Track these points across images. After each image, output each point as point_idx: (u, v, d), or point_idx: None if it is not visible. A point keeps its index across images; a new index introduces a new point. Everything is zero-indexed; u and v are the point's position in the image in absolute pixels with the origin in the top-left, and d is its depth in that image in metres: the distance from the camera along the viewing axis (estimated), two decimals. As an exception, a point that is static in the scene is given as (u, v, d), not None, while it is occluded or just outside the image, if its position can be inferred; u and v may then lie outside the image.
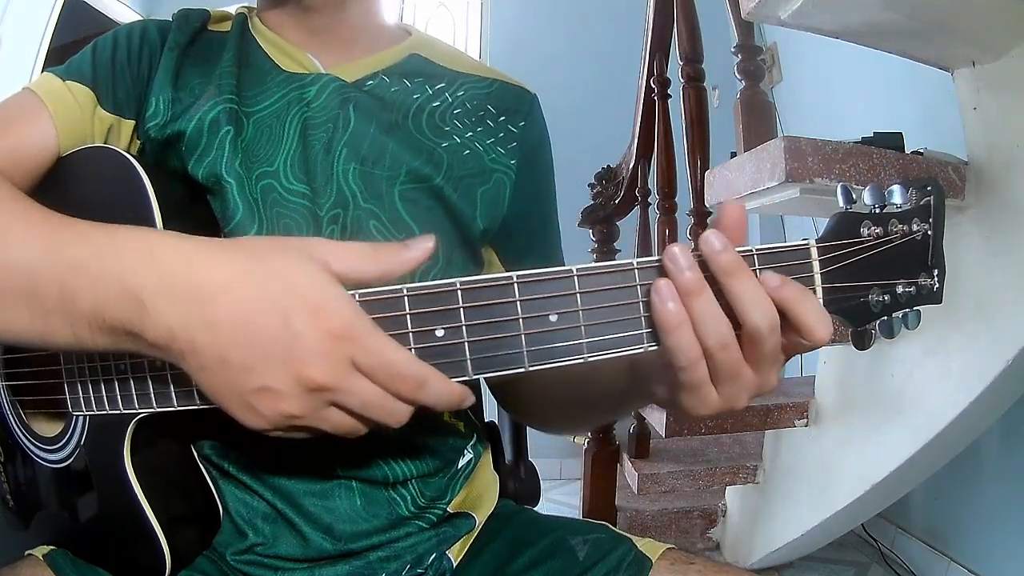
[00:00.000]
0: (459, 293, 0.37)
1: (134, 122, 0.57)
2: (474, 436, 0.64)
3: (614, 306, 0.38)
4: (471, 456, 0.62)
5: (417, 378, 0.36)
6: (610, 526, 0.60)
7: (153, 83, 0.56)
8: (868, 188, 0.40)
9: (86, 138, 0.55)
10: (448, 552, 0.59)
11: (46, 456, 0.53)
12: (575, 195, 1.74)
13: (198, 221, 0.53)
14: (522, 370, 0.38)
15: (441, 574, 0.58)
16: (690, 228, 1.51)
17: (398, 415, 0.38)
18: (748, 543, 1.69)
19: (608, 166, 1.89)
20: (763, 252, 0.39)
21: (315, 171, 0.55)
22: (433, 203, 0.57)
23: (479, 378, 0.39)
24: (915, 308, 0.41)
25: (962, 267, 1.08)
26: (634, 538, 0.57)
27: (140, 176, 0.47)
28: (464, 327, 0.37)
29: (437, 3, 3.08)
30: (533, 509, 0.69)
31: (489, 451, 0.68)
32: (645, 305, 0.38)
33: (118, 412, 0.46)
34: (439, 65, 0.64)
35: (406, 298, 0.38)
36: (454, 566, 0.59)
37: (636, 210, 1.80)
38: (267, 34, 0.61)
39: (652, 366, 0.43)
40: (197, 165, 0.54)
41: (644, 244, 1.76)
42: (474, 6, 3.05)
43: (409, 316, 0.38)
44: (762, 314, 0.37)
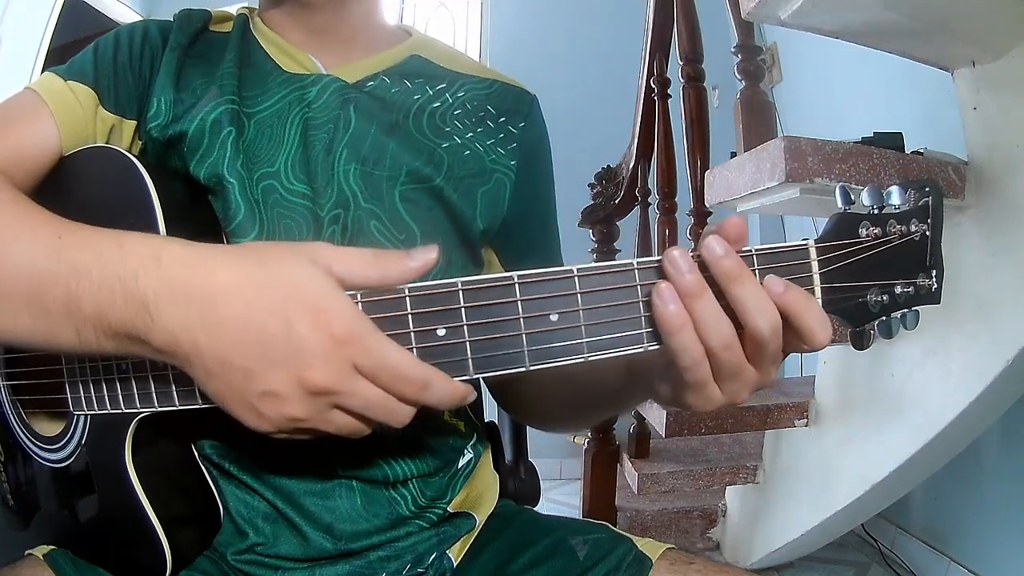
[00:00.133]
0: (460, 293, 0.38)
1: (135, 122, 0.57)
2: (474, 436, 0.64)
3: (614, 306, 0.38)
4: (471, 456, 0.63)
5: (420, 380, 0.37)
6: (610, 526, 0.60)
7: (155, 84, 0.56)
8: (867, 189, 0.40)
9: (88, 138, 0.55)
10: (448, 552, 0.59)
11: (47, 456, 0.53)
12: (575, 195, 1.74)
13: (200, 221, 0.54)
14: (523, 369, 0.38)
15: (441, 574, 0.58)
16: (690, 228, 1.51)
17: (401, 416, 0.38)
18: (748, 543, 1.69)
19: (608, 166, 1.89)
20: (762, 252, 0.39)
21: (316, 171, 0.55)
22: (433, 203, 0.58)
23: (479, 377, 0.40)
24: (914, 308, 0.41)
25: (962, 267, 1.08)
26: (634, 538, 0.57)
27: (142, 176, 0.47)
28: (465, 327, 0.38)
29: (437, 3, 3.08)
30: (533, 509, 0.69)
31: (489, 451, 0.68)
32: (645, 305, 0.38)
33: (119, 412, 0.46)
34: (439, 66, 0.64)
35: (407, 298, 0.38)
36: (454, 566, 0.59)
37: (636, 210, 1.80)
38: (268, 34, 0.61)
39: (655, 365, 0.43)
40: (199, 166, 0.54)
41: (644, 244, 1.76)
42: (474, 6, 3.06)
43: (411, 316, 0.38)
44: (765, 319, 0.37)
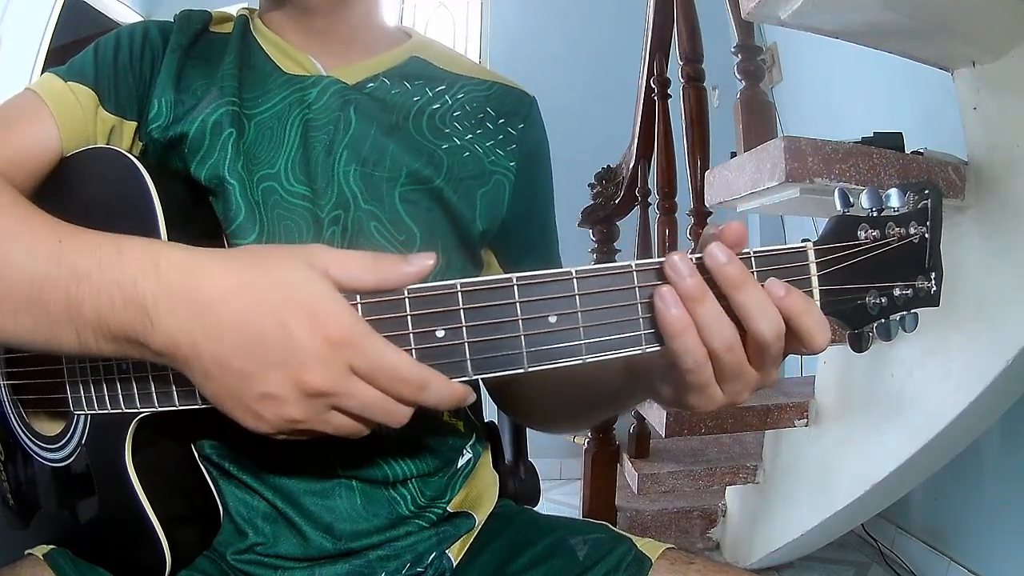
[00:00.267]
0: (459, 295, 0.38)
1: (136, 123, 0.57)
2: (473, 436, 0.64)
3: (613, 307, 0.38)
4: (470, 456, 0.63)
5: (418, 381, 0.37)
6: (610, 526, 0.60)
7: (155, 85, 0.57)
8: (865, 191, 0.40)
9: (88, 139, 0.55)
10: (448, 551, 0.59)
11: (47, 455, 0.54)
12: (575, 195, 1.74)
13: (200, 223, 0.54)
14: (522, 371, 0.38)
15: (441, 573, 0.58)
16: (690, 228, 1.51)
17: (399, 416, 0.38)
18: (748, 543, 1.69)
19: (608, 166, 1.89)
20: (761, 254, 0.39)
21: (316, 173, 0.55)
22: (433, 204, 0.58)
23: (478, 379, 0.40)
24: (912, 311, 0.41)
25: (962, 267, 1.08)
26: (634, 538, 0.57)
27: (143, 177, 0.48)
28: (464, 328, 0.38)
29: (437, 3, 3.08)
30: (533, 509, 0.69)
31: (488, 451, 0.68)
32: (644, 307, 0.38)
33: (119, 411, 0.46)
34: (439, 68, 0.64)
35: (407, 300, 0.38)
36: (454, 565, 0.59)
37: (636, 210, 1.80)
38: (269, 36, 0.61)
39: (656, 366, 0.43)
40: (199, 167, 0.54)
41: (644, 244, 1.76)
42: (474, 6, 3.05)
43: (410, 317, 0.38)
44: (769, 324, 0.37)
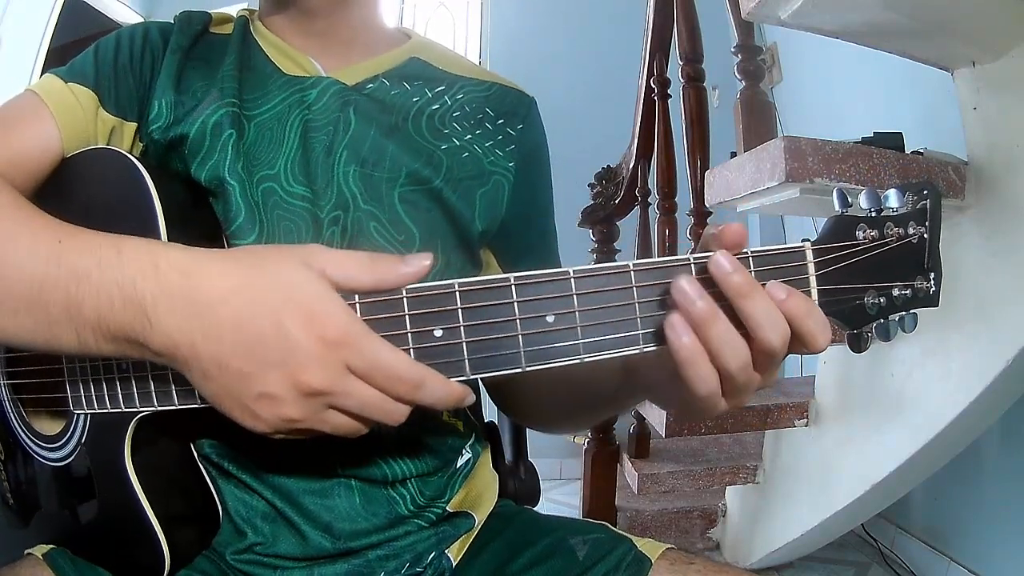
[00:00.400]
0: (457, 294, 0.38)
1: (136, 124, 0.57)
2: (473, 435, 0.64)
3: (610, 307, 0.38)
4: (470, 455, 0.63)
5: (414, 380, 0.37)
6: (610, 526, 0.60)
7: (155, 86, 0.57)
8: (864, 192, 0.40)
9: (89, 140, 0.55)
10: (447, 551, 0.59)
11: (47, 455, 0.54)
12: (575, 195, 1.74)
13: (200, 223, 0.54)
14: (519, 370, 0.38)
15: (440, 573, 0.58)
16: (690, 228, 1.51)
17: (397, 415, 0.38)
18: (748, 543, 1.69)
19: (608, 166, 1.89)
20: (759, 254, 0.39)
21: (316, 173, 0.55)
22: (432, 205, 0.58)
23: (477, 378, 0.40)
24: (912, 311, 0.41)
25: (962, 267, 1.08)
26: (634, 538, 0.57)
27: (144, 178, 0.48)
28: (462, 328, 0.38)
29: (437, 3, 3.08)
30: (533, 509, 0.69)
31: (488, 451, 0.68)
32: (641, 307, 0.38)
33: (119, 411, 0.46)
34: (438, 68, 0.64)
35: (405, 299, 0.38)
36: (453, 565, 0.59)
37: (636, 210, 1.80)
38: (269, 37, 0.61)
39: (659, 377, 0.43)
40: (200, 168, 0.54)
41: (644, 244, 1.76)
42: (474, 6, 3.05)
43: (408, 317, 0.38)
44: (777, 332, 0.37)
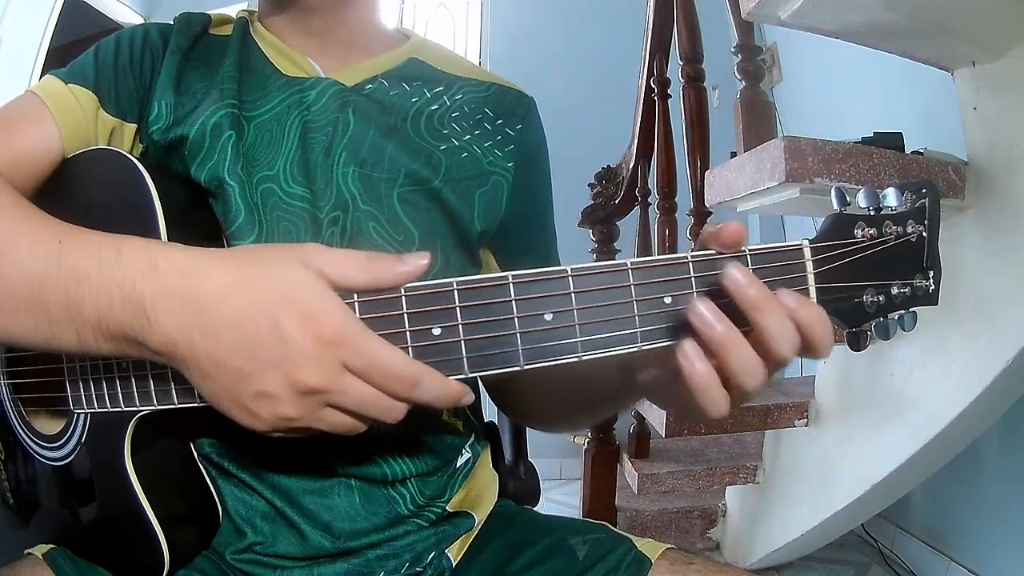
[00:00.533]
0: (456, 293, 0.38)
1: (136, 125, 0.57)
2: (472, 435, 0.64)
3: (608, 306, 0.38)
4: (469, 455, 0.63)
5: (411, 378, 0.37)
6: (610, 526, 0.60)
7: (155, 87, 0.57)
8: (863, 191, 0.40)
9: (89, 140, 0.55)
10: (447, 551, 0.59)
11: (47, 454, 0.54)
12: (575, 195, 1.74)
13: (200, 224, 0.54)
14: (518, 368, 0.38)
15: (440, 573, 0.58)
16: (690, 228, 1.51)
17: (394, 413, 0.38)
18: (748, 543, 1.69)
19: (608, 166, 1.89)
20: (757, 252, 0.39)
21: (315, 174, 0.56)
22: (431, 205, 0.58)
23: (477, 378, 0.40)
24: (911, 309, 0.41)
25: (962, 267, 1.08)
26: (634, 538, 0.57)
27: (144, 179, 0.48)
28: (460, 326, 0.38)
29: (437, 3, 3.09)
30: (533, 509, 0.69)
31: (488, 450, 0.68)
32: (639, 305, 0.38)
33: (119, 410, 0.46)
34: (437, 69, 0.64)
35: (403, 298, 0.38)
36: (453, 565, 0.59)
37: (636, 210, 1.80)
38: (268, 38, 0.61)
39: (660, 379, 0.43)
40: (200, 169, 0.54)
41: (644, 244, 1.76)
42: (474, 6, 3.06)
43: (406, 315, 0.38)
44: (791, 345, 0.37)
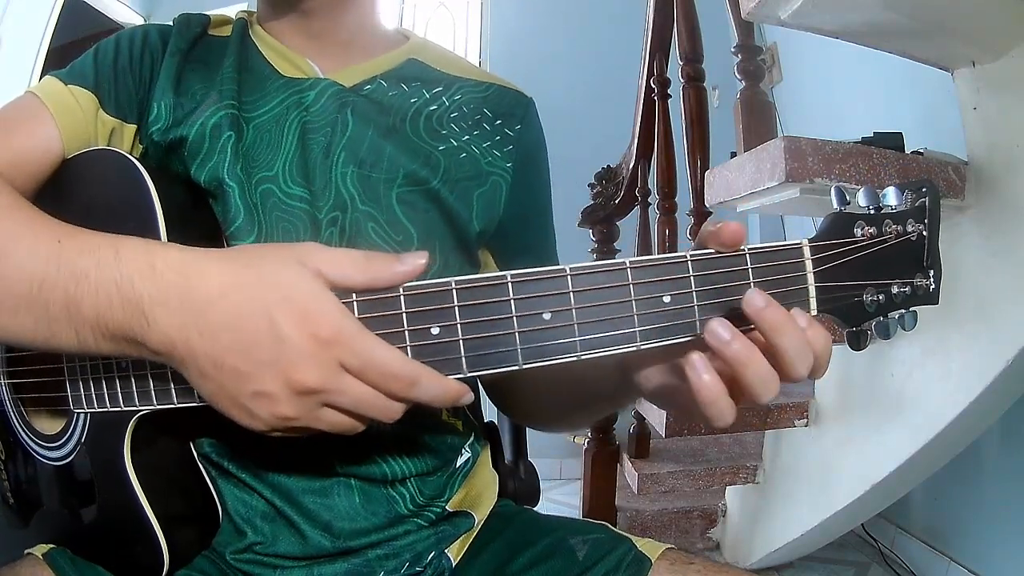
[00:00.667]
0: (454, 292, 0.38)
1: (136, 126, 0.57)
2: (472, 435, 0.64)
3: (607, 305, 0.38)
4: (469, 455, 0.63)
5: (408, 377, 0.37)
6: (610, 526, 0.60)
7: (155, 88, 0.57)
8: (863, 190, 0.40)
9: (89, 141, 0.55)
10: (447, 551, 0.59)
11: (47, 454, 0.54)
12: (575, 195, 1.74)
13: (200, 224, 0.54)
14: (517, 368, 0.38)
15: (440, 573, 0.58)
16: (690, 228, 1.51)
17: (391, 412, 0.39)
18: (748, 543, 1.69)
19: (608, 166, 1.89)
20: (756, 252, 0.39)
21: (314, 175, 0.56)
22: (430, 205, 0.58)
23: (476, 378, 0.40)
24: (911, 309, 0.41)
25: (962, 267, 1.08)
26: (634, 538, 0.57)
27: (144, 179, 0.48)
28: (459, 325, 0.38)
29: (437, 3, 3.09)
30: (533, 509, 0.69)
31: (488, 450, 0.68)
32: (638, 304, 0.38)
33: (119, 409, 0.46)
34: (436, 69, 0.64)
35: (402, 297, 0.38)
36: (453, 565, 0.59)
37: (636, 210, 1.80)
38: (267, 39, 0.61)
39: (660, 380, 0.43)
40: (199, 170, 0.54)
41: (644, 244, 1.76)
42: (474, 6, 3.06)
43: (405, 315, 0.38)
44: (806, 365, 0.38)
